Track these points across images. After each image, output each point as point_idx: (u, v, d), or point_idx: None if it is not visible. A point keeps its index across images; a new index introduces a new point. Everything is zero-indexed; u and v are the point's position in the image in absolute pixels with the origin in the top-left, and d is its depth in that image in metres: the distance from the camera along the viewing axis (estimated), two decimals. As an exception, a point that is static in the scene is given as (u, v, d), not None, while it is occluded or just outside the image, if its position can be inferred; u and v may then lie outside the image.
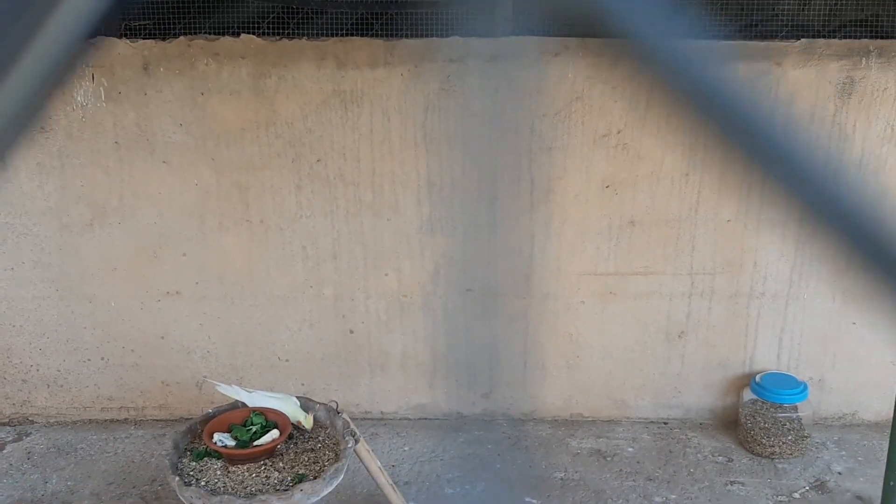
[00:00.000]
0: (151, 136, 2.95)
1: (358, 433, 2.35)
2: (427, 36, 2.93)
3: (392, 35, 2.94)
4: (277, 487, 2.09)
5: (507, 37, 2.91)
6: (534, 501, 2.74)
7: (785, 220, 2.74)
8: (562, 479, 2.87)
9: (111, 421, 3.29)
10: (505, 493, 2.84)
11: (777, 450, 2.98)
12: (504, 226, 3.06)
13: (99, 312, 3.15)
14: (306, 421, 2.33)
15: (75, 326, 3.17)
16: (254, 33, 2.89)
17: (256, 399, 2.37)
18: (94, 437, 3.17)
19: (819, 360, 3.16)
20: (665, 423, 3.25)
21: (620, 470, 2.93)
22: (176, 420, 3.26)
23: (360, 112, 2.92)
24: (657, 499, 2.76)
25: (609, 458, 3.01)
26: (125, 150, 2.97)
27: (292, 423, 2.32)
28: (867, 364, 3.16)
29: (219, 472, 2.14)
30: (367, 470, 2.41)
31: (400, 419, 3.28)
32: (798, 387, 2.99)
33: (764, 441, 2.98)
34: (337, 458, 2.22)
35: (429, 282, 3.11)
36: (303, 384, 3.23)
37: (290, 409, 2.35)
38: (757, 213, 3.01)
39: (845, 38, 2.97)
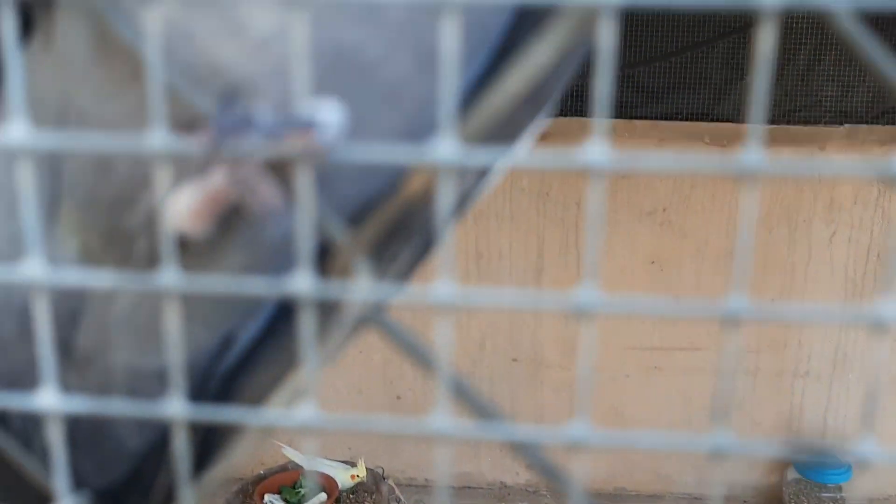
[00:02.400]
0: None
1: (403, 499, 2.41)
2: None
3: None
4: (326, 549, 2.15)
5: (553, 118, 3.02)
6: (575, 575, 2.74)
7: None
8: (604, 553, 2.87)
9: (162, 478, 3.37)
10: (546, 565, 2.84)
11: (823, 532, 2.94)
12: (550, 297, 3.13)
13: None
14: (359, 469, 2.41)
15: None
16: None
17: (313, 463, 2.45)
18: (146, 493, 3.25)
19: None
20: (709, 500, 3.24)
21: (663, 546, 2.92)
22: (227, 479, 3.33)
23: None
24: (700, 577, 2.74)
25: (651, 534, 3.00)
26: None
27: (351, 477, 2.40)
28: (915, 447, 3.13)
29: (270, 532, 2.20)
30: (412, 536, 2.46)
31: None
32: (842, 467, 2.97)
33: (809, 522, 2.96)
34: (384, 522, 2.27)
35: (475, 350, 3.18)
36: (349, 448, 3.29)
37: (343, 476, 2.42)
38: (801, 293, 3.05)
39: (888, 124, 3.04)
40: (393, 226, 0.28)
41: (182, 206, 0.27)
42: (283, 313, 0.41)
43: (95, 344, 0.39)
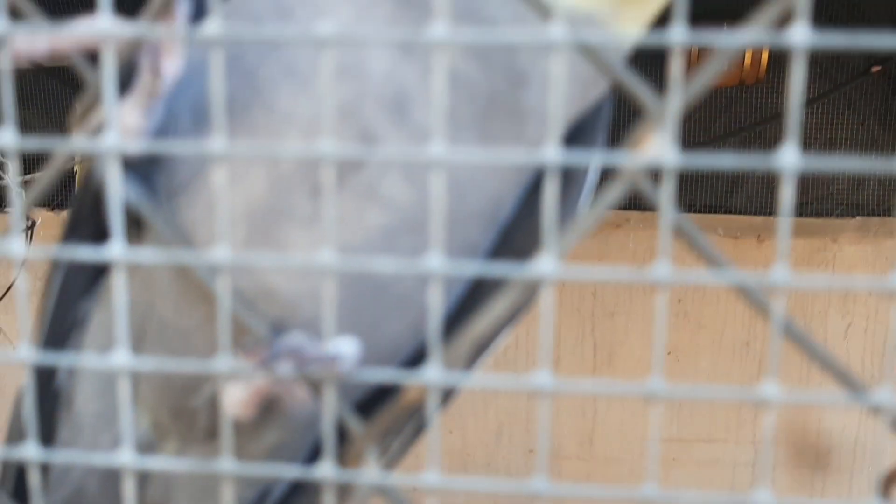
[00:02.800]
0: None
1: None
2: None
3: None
4: None
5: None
6: None
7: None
8: None
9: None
10: None
11: None
12: (567, 388, 3.16)
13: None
14: None
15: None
16: None
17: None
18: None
19: (889, 536, 3.11)
20: None
21: None
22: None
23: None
24: None
25: None
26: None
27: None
28: (940, 543, 3.09)
29: None
30: None
31: (461, 579, 3.29)
32: (867, 564, 2.93)
33: None
34: None
35: (492, 441, 3.21)
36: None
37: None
38: (818, 386, 3.06)
39: (899, 218, 3.09)
40: (397, 419, 0.36)
41: (235, 399, 0.35)
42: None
43: (160, 498, 0.47)
